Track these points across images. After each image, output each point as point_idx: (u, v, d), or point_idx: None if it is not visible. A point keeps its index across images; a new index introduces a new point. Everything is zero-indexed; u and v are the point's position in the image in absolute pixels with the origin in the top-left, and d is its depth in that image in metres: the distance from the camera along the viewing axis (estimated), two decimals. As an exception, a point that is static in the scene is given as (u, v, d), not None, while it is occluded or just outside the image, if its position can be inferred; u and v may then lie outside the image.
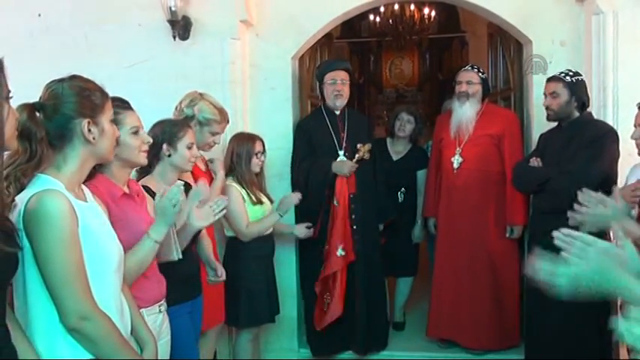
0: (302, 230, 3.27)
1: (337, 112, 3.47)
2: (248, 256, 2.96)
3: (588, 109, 3.01)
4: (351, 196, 3.39)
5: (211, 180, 2.80)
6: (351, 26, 8.19)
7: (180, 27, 3.29)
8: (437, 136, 3.69)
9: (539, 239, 2.88)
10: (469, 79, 3.42)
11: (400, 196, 3.87)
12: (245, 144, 3.00)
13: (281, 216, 3.04)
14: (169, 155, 2.29)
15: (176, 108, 2.72)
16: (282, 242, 3.34)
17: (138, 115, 1.91)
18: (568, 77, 2.94)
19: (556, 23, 3.33)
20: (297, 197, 3.12)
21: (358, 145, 3.35)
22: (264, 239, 3.01)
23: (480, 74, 3.46)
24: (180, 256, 2.09)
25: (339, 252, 3.31)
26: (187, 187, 2.34)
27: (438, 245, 3.60)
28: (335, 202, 3.35)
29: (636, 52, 3.05)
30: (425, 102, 9.91)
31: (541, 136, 3.19)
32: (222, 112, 2.75)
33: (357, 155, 3.36)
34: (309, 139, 3.45)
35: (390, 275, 3.92)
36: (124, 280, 1.67)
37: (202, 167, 2.82)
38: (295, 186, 3.43)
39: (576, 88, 2.92)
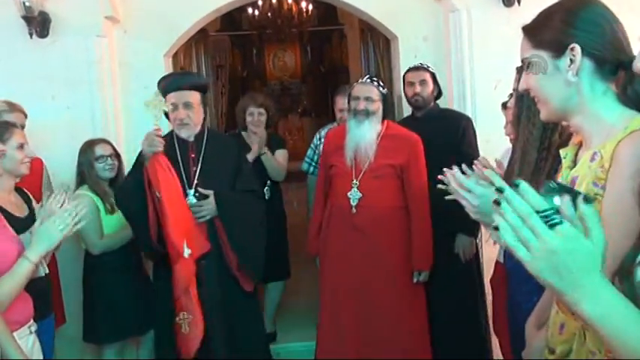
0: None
1: (191, 140, 2.65)
2: (105, 268, 2.78)
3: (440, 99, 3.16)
4: (202, 255, 2.51)
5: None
6: (232, 19, 8.11)
7: (37, 23, 3.08)
8: (326, 159, 2.96)
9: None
10: (368, 95, 2.75)
11: (267, 193, 3.40)
12: (85, 152, 2.83)
13: None
14: None
15: None
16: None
17: None
18: (430, 68, 3.07)
19: (419, 20, 3.52)
20: None
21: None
22: (124, 249, 2.80)
23: (381, 89, 2.80)
24: (47, 271, 2.04)
25: (186, 253, 2.43)
26: (25, 196, 2.26)
27: (326, 297, 2.88)
28: (157, 194, 2.43)
29: (487, 46, 3.31)
30: (309, 94, 10.13)
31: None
32: (8, 103, 2.68)
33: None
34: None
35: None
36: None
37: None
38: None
39: (435, 79, 3.09)
